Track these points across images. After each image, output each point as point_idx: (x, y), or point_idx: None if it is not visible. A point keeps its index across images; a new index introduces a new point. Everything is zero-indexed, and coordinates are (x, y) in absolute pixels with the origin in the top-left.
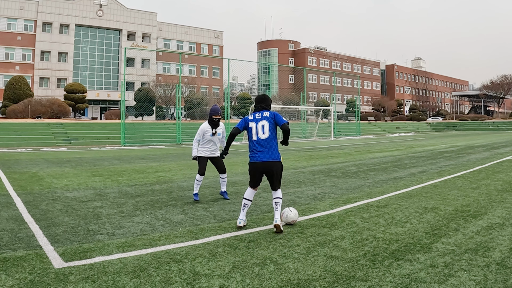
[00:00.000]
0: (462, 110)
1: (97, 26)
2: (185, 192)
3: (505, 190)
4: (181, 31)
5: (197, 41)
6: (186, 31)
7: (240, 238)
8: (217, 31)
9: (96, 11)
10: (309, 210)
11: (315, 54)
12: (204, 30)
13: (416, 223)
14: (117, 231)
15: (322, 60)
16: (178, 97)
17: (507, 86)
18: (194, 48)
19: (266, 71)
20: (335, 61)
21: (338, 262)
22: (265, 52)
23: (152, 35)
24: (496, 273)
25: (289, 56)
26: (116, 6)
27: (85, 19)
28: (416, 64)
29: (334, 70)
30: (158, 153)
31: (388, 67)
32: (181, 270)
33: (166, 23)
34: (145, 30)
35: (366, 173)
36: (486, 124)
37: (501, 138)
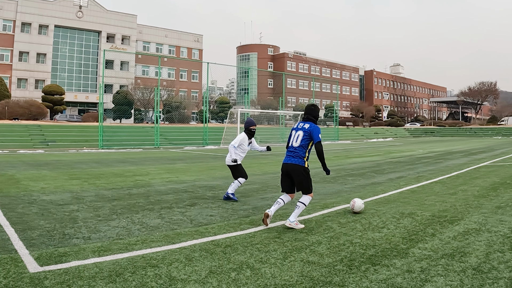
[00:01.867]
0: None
1: (76, 27)
2: (163, 196)
3: (482, 196)
4: (160, 34)
5: (176, 44)
6: (165, 34)
7: (216, 243)
8: (197, 34)
9: (75, 12)
10: (286, 215)
11: (294, 59)
12: (184, 34)
13: (393, 228)
14: (93, 235)
15: (301, 65)
16: (157, 100)
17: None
18: (174, 52)
19: (245, 75)
20: (314, 66)
21: (315, 267)
22: (245, 56)
23: (131, 38)
24: (472, 278)
25: (269, 60)
26: (96, 8)
27: (64, 20)
28: (395, 70)
29: (313, 75)
30: (136, 157)
31: (367, 72)
32: (157, 275)
33: (146, 26)
34: (124, 33)
35: (344, 178)
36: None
37: (479, 144)
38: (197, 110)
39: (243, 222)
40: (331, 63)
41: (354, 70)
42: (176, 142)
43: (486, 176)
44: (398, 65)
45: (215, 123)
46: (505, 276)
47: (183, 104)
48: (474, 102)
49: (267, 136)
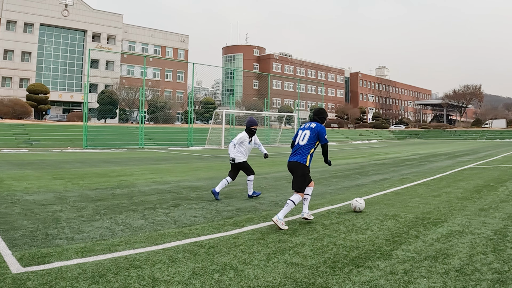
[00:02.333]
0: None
1: (62, 26)
2: (146, 197)
3: (465, 198)
4: (146, 34)
5: (162, 44)
6: (151, 34)
7: (200, 244)
8: (183, 35)
9: (61, 11)
10: (270, 217)
11: (280, 61)
12: (170, 34)
13: (376, 230)
14: (76, 235)
15: (287, 67)
16: (142, 100)
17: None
18: (159, 52)
19: (230, 76)
20: (299, 67)
21: (298, 269)
22: (230, 57)
23: (117, 37)
24: (455, 280)
25: (254, 61)
26: (82, 7)
27: (50, 18)
28: (380, 72)
29: (299, 76)
30: (120, 157)
31: (352, 75)
32: (140, 276)
33: (132, 25)
34: (110, 32)
35: (329, 180)
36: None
37: (463, 147)
38: (182, 111)
39: (227, 223)
40: (316, 65)
41: (340, 72)
42: (160, 143)
43: (470, 179)
44: (384, 68)
45: (200, 123)
46: (488, 278)
47: (168, 104)
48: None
49: None
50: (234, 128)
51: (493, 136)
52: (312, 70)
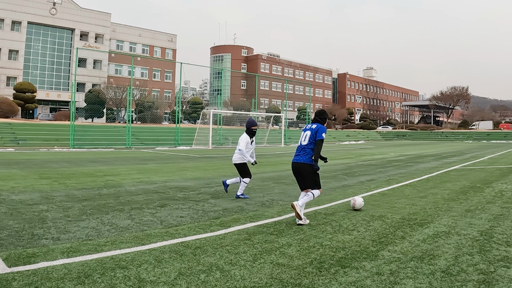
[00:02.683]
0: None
1: (50, 24)
2: (133, 197)
3: (451, 199)
4: (134, 33)
5: (150, 44)
6: (139, 33)
7: (186, 244)
8: (171, 34)
9: (49, 9)
10: (257, 217)
11: (268, 61)
12: (158, 33)
13: (363, 231)
14: (62, 235)
15: (275, 67)
16: (129, 99)
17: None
18: (147, 51)
19: (218, 76)
20: (287, 68)
21: (285, 269)
22: (218, 57)
23: (105, 36)
24: (441, 281)
25: (242, 62)
26: (70, 5)
27: (38, 16)
28: (367, 73)
29: (287, 77)
30: (107, 156)
31: (340, 75)
32: (126, 277)
33: (120, 25)
34: (98, 31)
35: None
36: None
37: (450, 148)
38: (170, 110)
39: (213, 224)
40: (304, 66)
41: (327, 73)
42: (148, 142)
43: (456, 180)
44: (371, 69)
45: (188, 123)
46: (474, 279)
47: (155, 104)
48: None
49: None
50: (221, 128)
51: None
52: (300, 71)
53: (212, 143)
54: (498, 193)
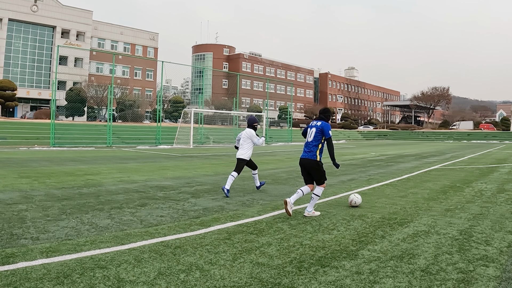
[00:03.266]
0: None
1: (31, 21)
2: (113, 196)
3: (431, 199)
4: (116, 31)
5: (132, 42)
6: (121, 31)
7: (166, 244)
8: (153, 32)
9: (30, 6)
10: (237, 216)
11: (250, 60)
12: (140, 31)
13: (343, 230)
14: (41, 235)
15: (257, 66)
16: (110, 98)
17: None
18: (129, 49)
19: (200, 75)
20: (269, 67)
21: (264, 269)
22: (200, 56)
23: (86, 34)
24: (421, 280)
25: (224, 61)
26: (51, 2)
27: (19, 14)
28: (349, 73)
29: (268, 76)
30: (88, 155)
31: (321, 75)
32: (105, 277)
33: (102, 22)
34: (79, 28)
35: (296, 180)
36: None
37: (430, 148)
38: (151, 109)
39: (193, 223)
40: (286, 65)
41: (309, 72)
42: (129, 141)
43: (437, 179)
44: (353, 69)
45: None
46: (453, 278)
47: (137, 102)
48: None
49: (220, 136)
50: (202, 127)
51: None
52: (281, 70)
53: (193, 142)
54: (478, 192)
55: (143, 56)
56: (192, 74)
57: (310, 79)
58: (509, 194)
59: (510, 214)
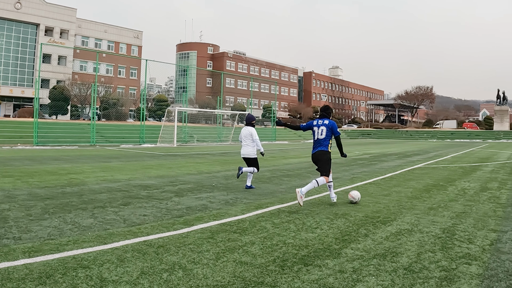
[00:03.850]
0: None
1: (14, 19)
2: (96, 195)
3: (415, 197)
4: (100, 29)
5: (116, 40)
6: (105, 29)
7: (149, 243)
8: (137, 31)
9: (14, 3)
10: (220, 215)
11: (234, 59)
12: (124, 29)
13: (326, 228)
14: (24, 235)
15: (241, 65)
16: (94, 96)
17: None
18: (113, 47)
19: (184, 74)
20: (253, 66)
21: (247, 267)
22: (184, 55)
23: (70, 32)
24: (403, 278)
25: (208, 59)
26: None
27: (2, 11)
28: (333, 72)
29: (252, 75)
30: (71, 154)
31: (306, 74)
32: (88, 276)
33: (86, 20)
34: (63, 26)
35: (280, 178)
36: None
37: (414, 147)
38: (135, 108)
39: (177, 222)
40: (270, 64)
41: (293, 71)
42: (112, 140)
43: (420, 178)
44: (337, 68)
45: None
46: (436, 276)
47: (120, 101)
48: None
49: (204, 135)
50: (186, 126)
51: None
52: (266, 69)
53: (177, 141)
54: (461, 191)
55: (127, 54)
56: (176, 72)
57: (294, 78)
58: (491, 192)
59: (492, 213)
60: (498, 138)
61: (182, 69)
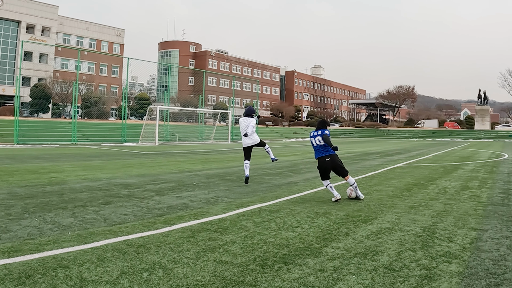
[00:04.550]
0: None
1: None
2: (77, 194)
3: (396, 196)
4: (82, 27)
5: (98, 38)
6: (87, 27)
7: (129, 243)
8: (119, 28)
9: None
10: (201, 214)
11: (216, 57)
12: (106, 27)
13: (307, 227)
14: (3, 235)
15: (223, 64)
16: (75, 95)
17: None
18: (95, 45)
19: (166, 72)
20: (235, 65)
21: (228, 267)
22: (166, 53)
23: (52, 29)
24: (384, 277)
25: (190, 58)
26: None
27: None
28: (315, 71)
29: (234, 74)
30: (52, 153)
31: (288, 73)
32: (67, 276)
33: (67, 18)
34: (45, 24)
35: (261, 177)
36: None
37: (395, 146)
38: (116, 106)
39: (157, 221)
40: (252, 63)
41: (275, 70)
42: (94, 139)
43: (401, 177)
44: (319, 67)
45: (134, 119)
46: (416, 274)
47: (102, 99)
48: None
49: (186, 133)
50: (168, 124)
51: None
52: (248, 68)
53: (159, 140)
54: (442, 190)
55: (109, 52)
56: (158, 71)
57: (276, 77)
58: (472, 191)
59: (473, 211)
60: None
61: (164, 68)
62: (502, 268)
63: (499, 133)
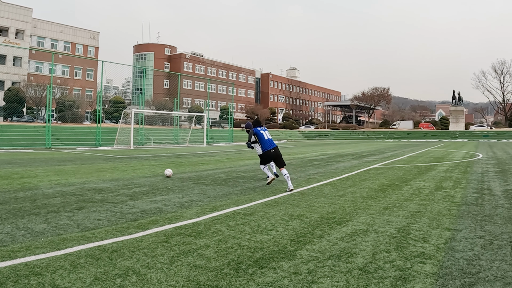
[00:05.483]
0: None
1: None
2: (50, 200)
3: (370, 197)
4: (56, 30)
5: (72, 41)
6: (61, 30)
7: (103, 248)
8: (94, 31)
9: None
10: (175, 218)
11: (191, 60)
12: (80, 30)
13: (281, 230)
14: None
15: (198, 66)
16: (49, 98)
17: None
18: (69, 48)
19: (141, 75)
20: (210, 67)
21: (202, 271)
22: (141, 56)
23: (26, 32)
24: (358, 279)
25: (165, 60)
26: None
27: None
28: (291, 73)
29: (209, 76)
30: (25, 158)
31: (263, 75)
32: (40, 284)
33: (41, 20)
34: (18, 26)
35: (235, 180)
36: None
37: (370, 147)
38: (91, 110)
39: (131, 226)
40: (228, 65)
41: (251, 72)
42: (68, 143)
43: (375, 178)
44: (295, 69)
45: (109, 123)
46: (391, 276)
47: (76, 103)
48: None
49: (161, 137)
50: (143, 128)
51: (400, 136)
52: (223, 70)
53: (134, 143)
54: (416, 190)
55: (84, 55)
56: (133, 74)
57: (251, 80)
58: (446, 191)
59: (447, 211)
60: (453, 138)
61: (139, 71)
62: (477, 268)
63: (473, 133)
